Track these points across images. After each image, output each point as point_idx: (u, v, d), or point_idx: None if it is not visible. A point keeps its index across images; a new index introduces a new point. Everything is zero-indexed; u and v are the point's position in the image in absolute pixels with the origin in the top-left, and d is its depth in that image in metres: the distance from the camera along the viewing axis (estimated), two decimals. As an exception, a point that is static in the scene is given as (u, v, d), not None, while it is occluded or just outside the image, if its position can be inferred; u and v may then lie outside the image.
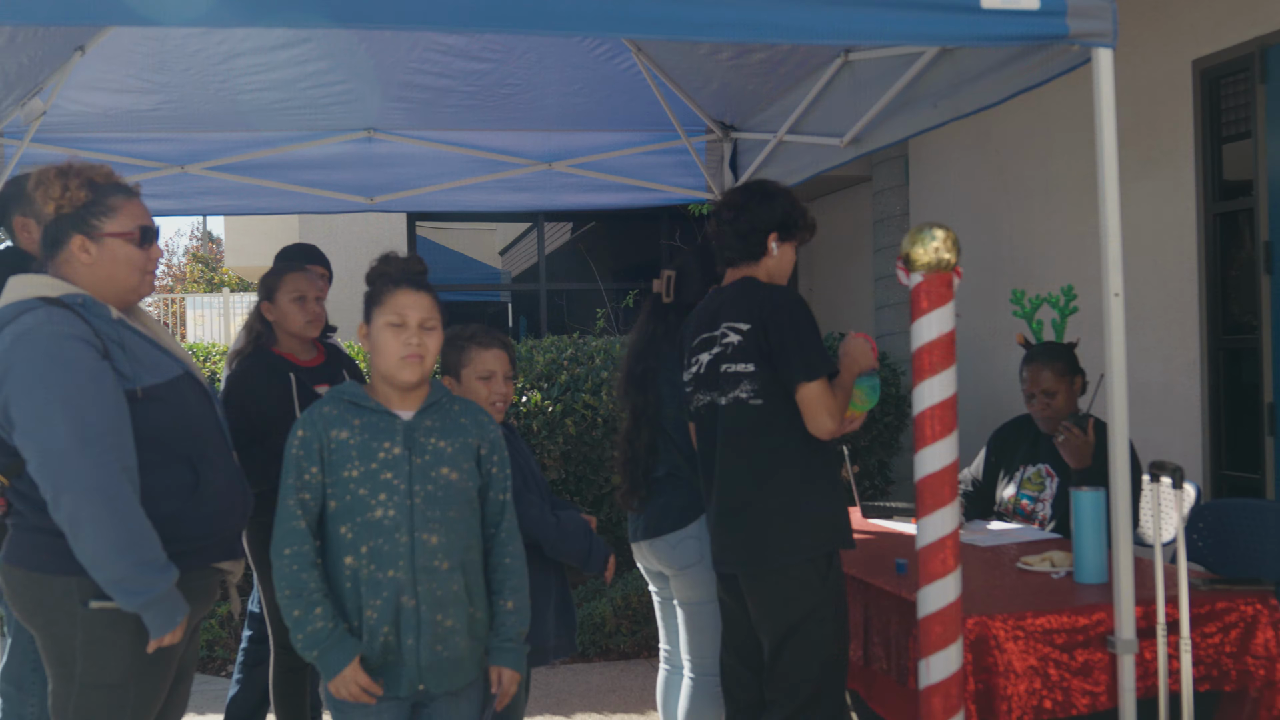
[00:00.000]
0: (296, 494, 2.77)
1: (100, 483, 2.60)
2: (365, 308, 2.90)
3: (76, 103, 5.52)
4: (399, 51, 5.22)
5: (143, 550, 2.64)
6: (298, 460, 2.78)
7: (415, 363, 2.81)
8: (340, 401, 2.85)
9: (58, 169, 2.85)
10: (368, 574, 2.76)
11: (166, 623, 2.69)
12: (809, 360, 3.25)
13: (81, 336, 2.68)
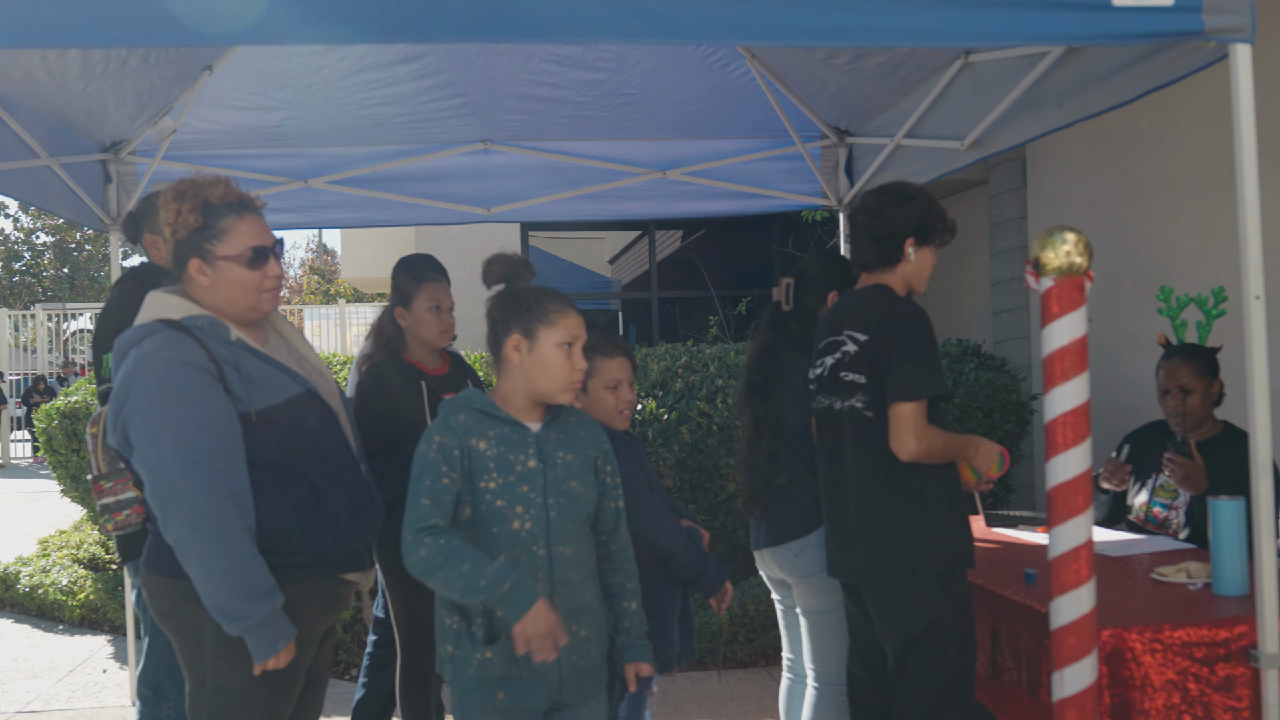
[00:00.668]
0: (434, 496, 2.72)
1: (204, 509, 2.63)
2: (520, 320, 2.82)
3: (205, 120, 5.68)
4: (515, 63, 5.28)
5: (242, 577, 2.65)
6: (435, 465, 2.73)
7: (578, 388, 2.84)
8: (472, 410, 2.82)
9: (174, 191, 2.86)
10: None
11: (267, 648, 2.69)
12: (913, 379, 3.18)
13: (196, 362, 2.72)
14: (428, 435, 2.78)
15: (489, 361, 6.99)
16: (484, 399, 2.85)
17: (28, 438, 22.61)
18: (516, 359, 2.82)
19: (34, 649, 6.89)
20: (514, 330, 2.83)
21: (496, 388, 2.90)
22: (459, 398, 2.87)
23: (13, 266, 34.87)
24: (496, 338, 2.88)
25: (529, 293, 2.88)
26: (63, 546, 8.86)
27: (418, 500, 2.72)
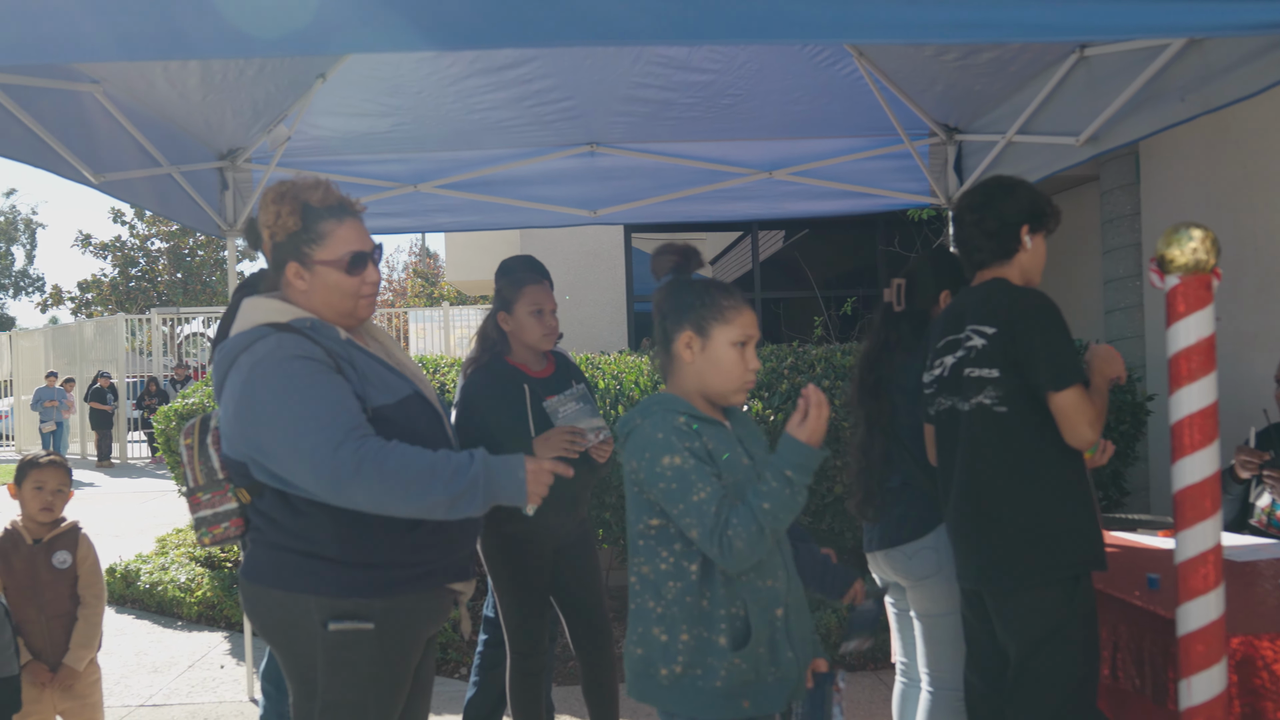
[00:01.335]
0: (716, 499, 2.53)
1: (374, 469, 2.55)
2: (693, 316, 2.69)
3: (317, 127, 5.79)
4: (621, 66, 5.29)
5: (439, 481, 2.59)
6: (699, 469, 2.55)
7: (751, 388, 2.72)
8: (679, 413, 2.64)
9: (274, 194, 2.83)
10: (747, 583, 2.62)
11: (516, 490, 2.66)
12: (1061, 367, 3.11)
13: (314, 356, 2.68)
14: (664, 446, 2.58)
15: (593, 363, 7.02)
16: (682, 403, 2.68)
17: (143, 438, 23.25)
18: (688, 357, 2.70)
19: (154, 644, 7.08)
20: (685, 327, 2.70)
21: (671, 388, 2.76)
22: (654, 404, 2.69)
23: (129, 272, 35.87)
24: (666, 334, 2.75)
25: (701, 287, 2.73)
26: (180, 545, 9.10)
27: (701, 510, 2.54)
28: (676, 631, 2.62)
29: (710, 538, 2.52)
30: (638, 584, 2.70)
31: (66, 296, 37.11)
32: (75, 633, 4.18)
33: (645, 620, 2.68)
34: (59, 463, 4.21)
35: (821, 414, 2.55)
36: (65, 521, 4.26)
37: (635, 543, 2.70)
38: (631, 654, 2.70)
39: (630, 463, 2.66)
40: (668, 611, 2.64)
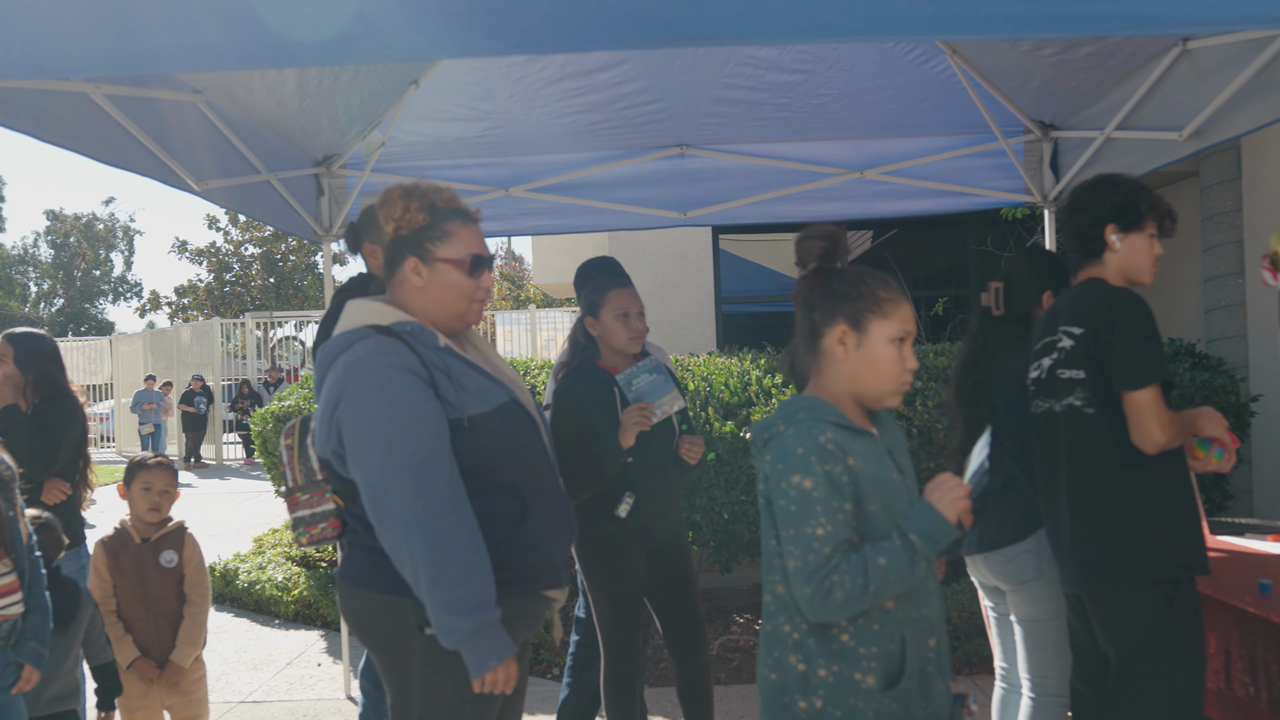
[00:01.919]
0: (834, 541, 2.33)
1: (420, 514, 2.56)
2: (847, 308, 2.48)
3: (410, 133, 5.87)
4: (711, 67, 5.29)
5: (455, 587, 2.56)
6: (826, 502, 2.35)
7: (908, 389, 2.56)
8: (828, 423, 2.43)
9: (402, 190, 2.86)
10: (902, 614, 2.43)
11: (480, 663, 2.59)
12: (1137, 366, 3.05)
13: (408, 366, 2.69)
14: (799, 464, 2.37)
15: (682, 365, 7.02)
16: (830, 409, 2.47)
17: (238, 440, 23.70)
18: (841, 354, 2.48)
19: (253, 642, 7.21)
20: (839, 320, 2.48)
21: (818, 389, 2.56)
22: (800, 409, 2.48)
23: (224, 277, 36.63)
24: (814, 327, 2.53)
25: (856, 276, 2.50)
26: (276, 544, 9.26)
27: (809, 546, 2.33)
28: (815, 664, 2.41)
29: (809, 578, 2.32)
30: (772, 603, 2.51)
31: (164, 301, 37.97)
32: (181, 630, 4.27)
33: (780, 644, 2.48)
34: (166, 464, 4.31)
35: (964, 493, 2.40)
36: (172, 521, 4.36)
37: (770, 559, 2.50)
38: (765, 678, 2.52)
39: (764, 469, 2.48)
40: (804, 640, 2.43)
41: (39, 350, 4.76)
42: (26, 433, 4.49)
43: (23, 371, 4.70)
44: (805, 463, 2.35)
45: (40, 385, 4.72)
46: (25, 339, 4.78)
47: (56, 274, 60.91)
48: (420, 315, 2.86)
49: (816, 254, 2.57)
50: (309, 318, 27.39)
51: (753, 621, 6.75)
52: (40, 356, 4.75)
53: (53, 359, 4.79)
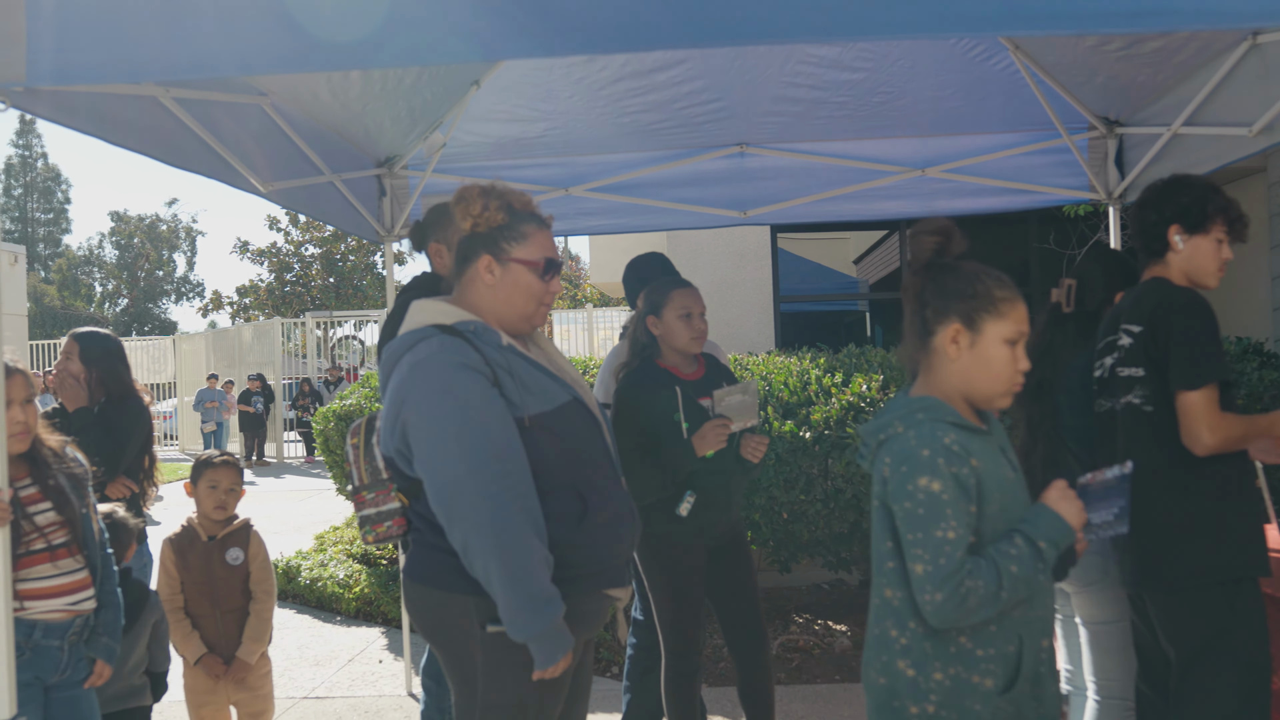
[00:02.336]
0: (961, 545, 2.30)
1: (488, 514, 2.58)
2: (962, 306, 2.44)
3: (471, 133, 5.90)
4: (771, 66, 5.27)
5: (527, 584, 2.59)
6: (955, 504, 2.31)
7: (1017, 391, 2.47)
8: (947, 424, 2.38)
9: (481, 188, 2.90)
10: (1019, 616, 2.40)
11: (548, 657, 2.63)
12: (1192, 366, 3.02)
13: (473, 365, 2.70)
14: (926, 466, 2.32)
15: (741, 364, 7.01)
16: (948, 409, 2.42)
17: (298, 438, 23.96)
18: (954, 354, 2.43)
19: (315, 638, 7.29)
20: (953, 319, 2.44)
21: (928, 387, 2.51)
22: (918, 409, 2.43)
23: (284, 277, 37.04)
24: (926, 324, 2.49)
25: (972, 274, 2.46)
26: (337, 542, 9.35)
27: (940, 549, 2.29)
28: (928, 669, 2.38)
29: (943, 582, 2.27)
30: (881, 607, 2.49)
31: (225, 301, 38.48)
32: (247, 627, 4.33)
33: (889, 650, 2.45)
34: (232, 463, 4.36)
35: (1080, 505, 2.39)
36: (238, 519, 4.41)
37: (881, 564, 2.47)
38: (873, 682, 2.49)
39: (881, 470, 2.43)
40: (915, 645, 2.40)
41: (105, 349, 4.83)
42: (94, 433, 4.55)
43: (88, 369, 4.75)
44: (932, 465, 2.30)
45: (106, 383, 4.77)
46: (91, 337, 4.85)
47: (121, 274, 62.00)
48: (487, 314, 2.88)
49: (931, 249, 2.54)
50: (368, 317, 27.67)
51: (812, 622, 6.73)
52: (107, 355, 4.81)
53: (118, 357, 4.86)
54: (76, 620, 3.35)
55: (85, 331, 4.87)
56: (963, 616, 2.29)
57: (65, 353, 4.81)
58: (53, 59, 2.78)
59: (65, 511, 3.33)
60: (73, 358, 4.77)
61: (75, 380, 4.73)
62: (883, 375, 6.53)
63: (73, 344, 4.81)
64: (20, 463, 3.26)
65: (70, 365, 4.76)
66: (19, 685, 3.00)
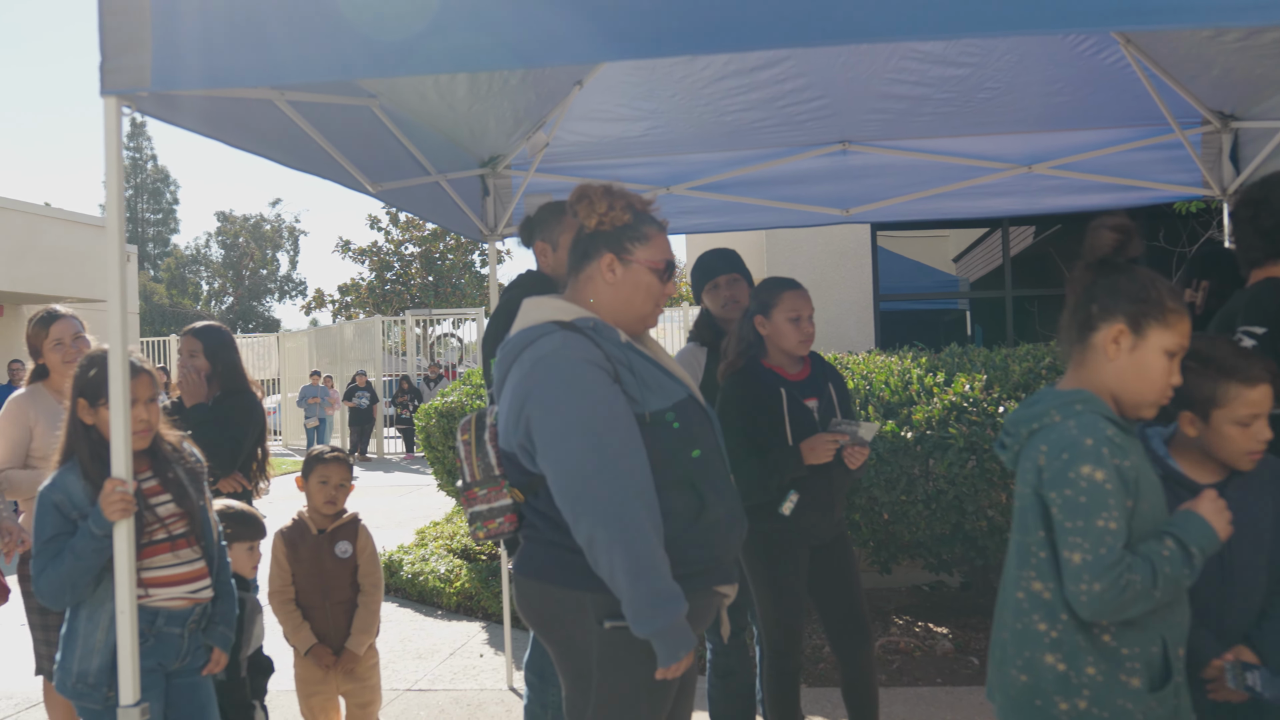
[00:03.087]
0: (1120, 536, 2.29)
1: (615, 509, 2.60)
2: (1129, 308, 2.43)
3: (574, 133, 5.93)
4: (875, 63, 5.22)
5: (653, 580, 2.60)
6: (1117, 494, 2.29)
7: (1166, 403, 2.46)
8: (1103, 417, 2.37)
9: (604, 187, 2.94)
10: (1161, 618, 2.39)
11: (671, 655, 2.63)
12: None
13: (595, 361, 2.73)
14: (1089, 454, 2.31)
15: (840, 363, 6.95)
16: (1104, 404, 2.42)
17: (397, 435, 24.31)
18: (1112, 354, 2.43)
19: (417, 632, 7.40)
20: (1118, 319, 2.43)
21: (1080, 382, 2.50)
22: (1075, 400, 2.42)
23: (384, 276, 37.60)
24: (1090, 319, 2.48)
25: (1146, 279, 2.43)
26: (438, 537, 9.48)
27: (1101, 539, 2.28)
28: (1079, 663, 2.36)
29: (1102, 573, 2.25)
30: (1025, 601, 2.46)
31: (328, 299, 39.16)
32: (356, 619, 4.40)
33: (1034, 644, 2.42)
34: (342, 459, 4.45)
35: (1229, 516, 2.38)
36: (347, 513, 4.49)
37: (1026, 555, 2.46)
38: (1010, 680, 2.47)
39: (1035, 459, 2.41)
40: (1067, 638, 2.37)
41: (224, 343, 4.90)
42: (211, 429, 4.64)
43: (211, 364, 4.85)
44: (1096, 454, 2.29)
45: (225, 377, 4.86)
46: (211, 332, 4.92)
47: (226, 273, 63.43)
48: (604, 312, 2.92)
49: (1109, 245, 2.51)
50: (465, 315, 27.97)
51: (912, 623, 6.67)
52: (225, 349, 4.89)
53: (235, 351, 4.94)
54: (195, 609, 3.45)
55: (204, 327, 4.95)
56: (1119, 609, 2.27)
57: (188, 350, 4.87)
58: (176, 65, 2.87)
59: (184, 503, 3.43)
60: (198, 354, 4.85)
61: (198, 376, 4.82)
62: (986, 375, 6.44)
63: (195, 341, 4.88)
64: (142, 456, 3.36)
65: (196, 362, 4.84)
66: (142, 671, 3.10)
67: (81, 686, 3.29)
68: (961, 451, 5.95)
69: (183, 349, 4.92)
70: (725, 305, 4.62)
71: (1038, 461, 2.39)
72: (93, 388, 3.34)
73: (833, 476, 4.11)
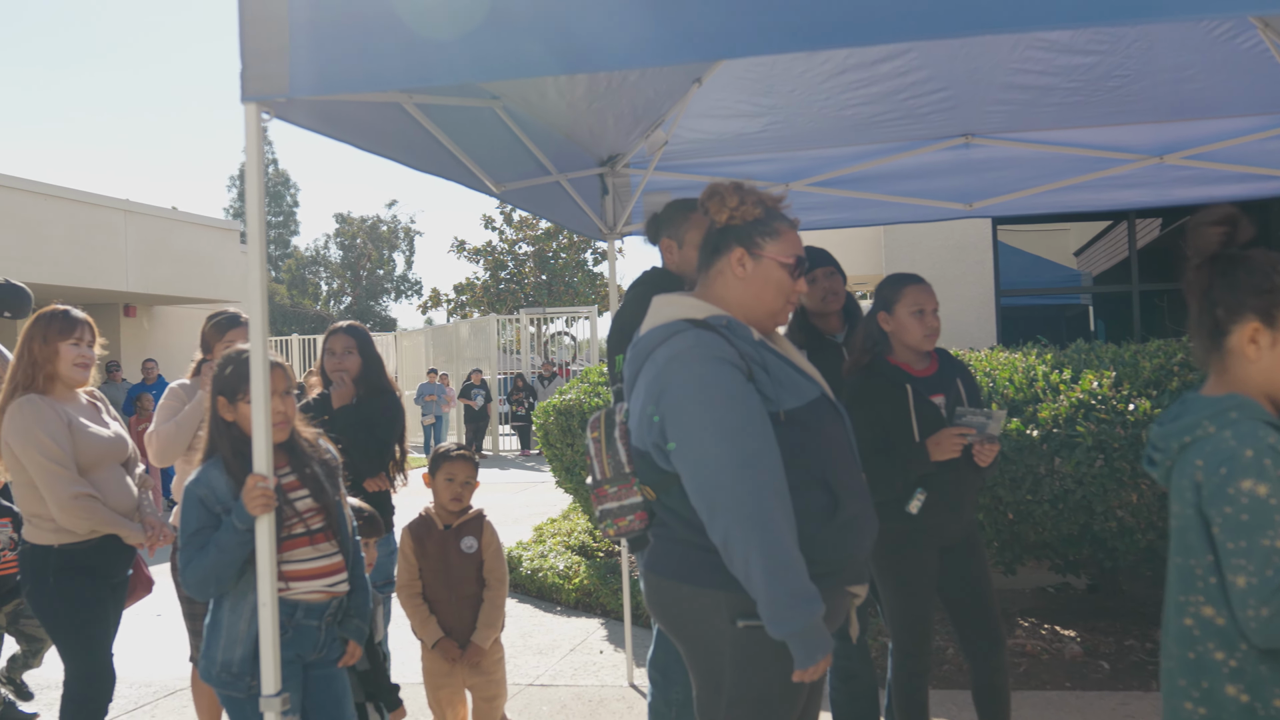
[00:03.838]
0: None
1: (753, 507, 2.57)
2: (1260, 302, 2.27)
3: (692, 130, 5.93)
4: (999, 53, 5.13)
5: (790, 581, 2.56)
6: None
7: None
8: (1263, 424, 2.22)
9: (734, 184, 2.93)
10: None
11: (809, 656, 2.60)
12: None
13: (729, 359, 2.71)
14: (1250, 468, 2.15)
15: (962, 360, 6.84)
16: (1261, 408, 2.26)
17: (512, 432, 24.58)
18: (1253, 353, 2.28)
19: (537, 627, 7.47)
20: (1249, 315, 2.27)
21: (1225, 386, 2.35)
22: (1231, 408, 2.27)
23: (499, 275, 38.04)
24: (1218, 323, 2.33)
25: (1264, 264, 2.28)
26: (555, 534, 9.56)
27: (1268, 560, 2.11)
28: (1266, 695, 2.18)
29: (1270, 597, 2.09)
30: (1195, 628, 2.28)
31: (444, 299, 39.73)
32: (481, 613, 4.46)
33: (1211, 674, 2.25)
34: (468, 456, 4.51)
35: None
36: (472, 510, 4.55)
37: (1191, 578, 2.29)
38: (1186, 713, 2.29)
39: (1191, 476, 2.25)
40: (1249, 668, 2.20)
41: (371, 340, 4.97)
42: (360, 431, 4.70)
43: (364, 361, 4.89)
44: (1258, 466, 2.12)
45: (372, 376, 4.91)
46: (362, 330, 4.96)
47: (345, 273, 64.69)
48: (735, 308, 2.90)
49: (1216, 241, 2.36)
50: (579, 313, 28.17)
51: (1038, 626, 6.54)
52: (373, 347, 4.97)
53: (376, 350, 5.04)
54: (333, 602, 3.52)
55: (355, 325, 4.98)
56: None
57: (342, 347, 4.88)
58: (312, 71, 2.93)
59: (321, 498, 3.50)
60: (352, 351, 4.88)
61: (348, 377, 4.85)
62: (1114, 372, 6.29)
63: (349, 339, 4.89)
64: (280, 452, 3.44)
65: (349, 360, 4.87)
66: (282, 663, 3.17)
67: (225, 675, 3.39)
68: (1090, 450, 5.81)
69: (333, 347, 4.92)
70: (825, 299, 4.60)
71: (1194, 478, 2.22)
72: (230, 385, 3.43)
73: (962, 474, 4.05)
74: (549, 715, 5.65)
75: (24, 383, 4.27)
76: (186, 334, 18.41)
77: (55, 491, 4.17)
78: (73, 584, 4.25)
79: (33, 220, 13.70)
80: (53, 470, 4.18)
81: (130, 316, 16.92)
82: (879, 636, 5.96)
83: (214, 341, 4.80)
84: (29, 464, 4.19)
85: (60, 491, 4.17)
